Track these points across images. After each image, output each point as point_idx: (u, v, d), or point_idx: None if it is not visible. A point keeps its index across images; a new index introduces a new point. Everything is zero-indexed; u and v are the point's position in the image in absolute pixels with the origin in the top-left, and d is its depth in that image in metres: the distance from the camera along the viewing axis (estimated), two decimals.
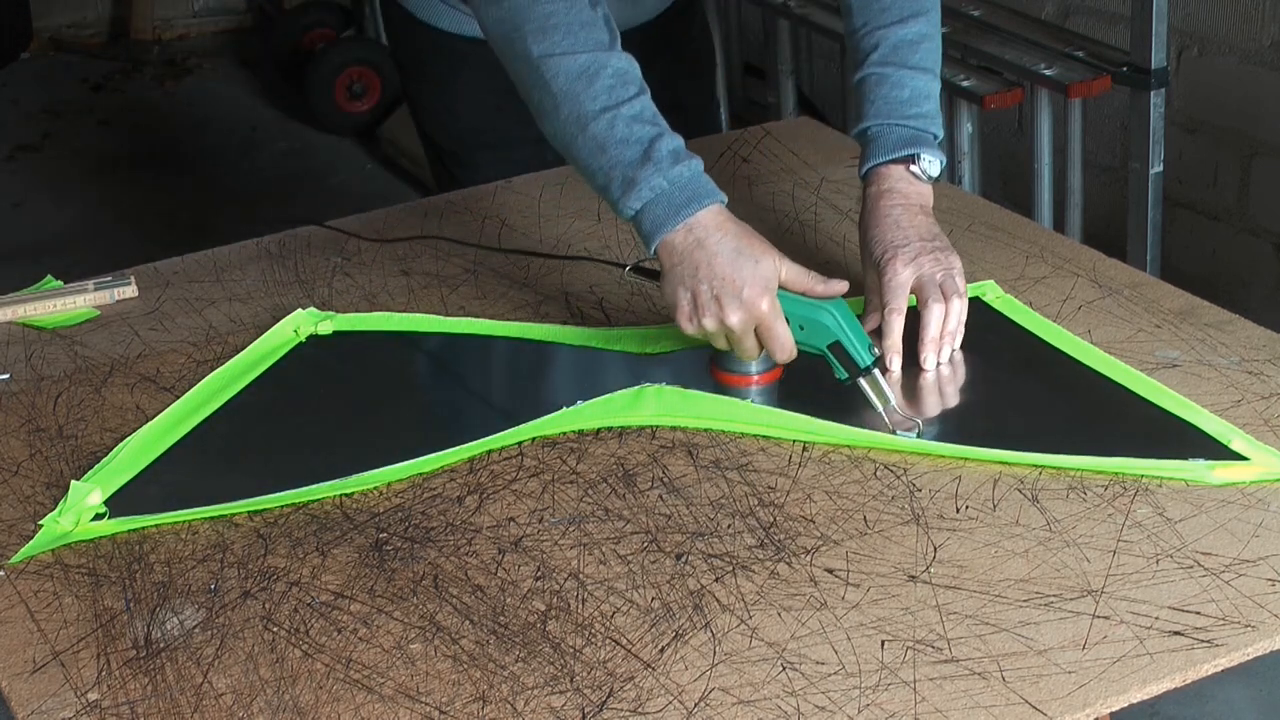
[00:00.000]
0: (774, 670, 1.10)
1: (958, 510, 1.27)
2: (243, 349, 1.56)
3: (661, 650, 1.12)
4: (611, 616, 1.16)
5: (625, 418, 1.41)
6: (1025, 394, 1.45)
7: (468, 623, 1.16)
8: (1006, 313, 1.57)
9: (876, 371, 1.39)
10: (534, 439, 1.39)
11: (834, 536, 1.24)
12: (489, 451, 1.37)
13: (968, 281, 1.63)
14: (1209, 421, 1.36)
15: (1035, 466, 1.32)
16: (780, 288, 1.39)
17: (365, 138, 4.92)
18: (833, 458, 1.35)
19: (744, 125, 2.36)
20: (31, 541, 1.28)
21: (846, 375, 1.39)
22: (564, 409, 1.41)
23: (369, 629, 1.16)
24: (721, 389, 1.45)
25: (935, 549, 1.22)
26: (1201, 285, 1.75)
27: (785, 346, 1.39)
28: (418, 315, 1.62)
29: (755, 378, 1.46)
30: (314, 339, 1.59)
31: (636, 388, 1.43)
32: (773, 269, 1.38)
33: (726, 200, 1.40)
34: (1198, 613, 1.13)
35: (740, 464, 1.34)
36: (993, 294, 1.59)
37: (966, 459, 1.33)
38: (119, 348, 1.60)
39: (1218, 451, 1.31)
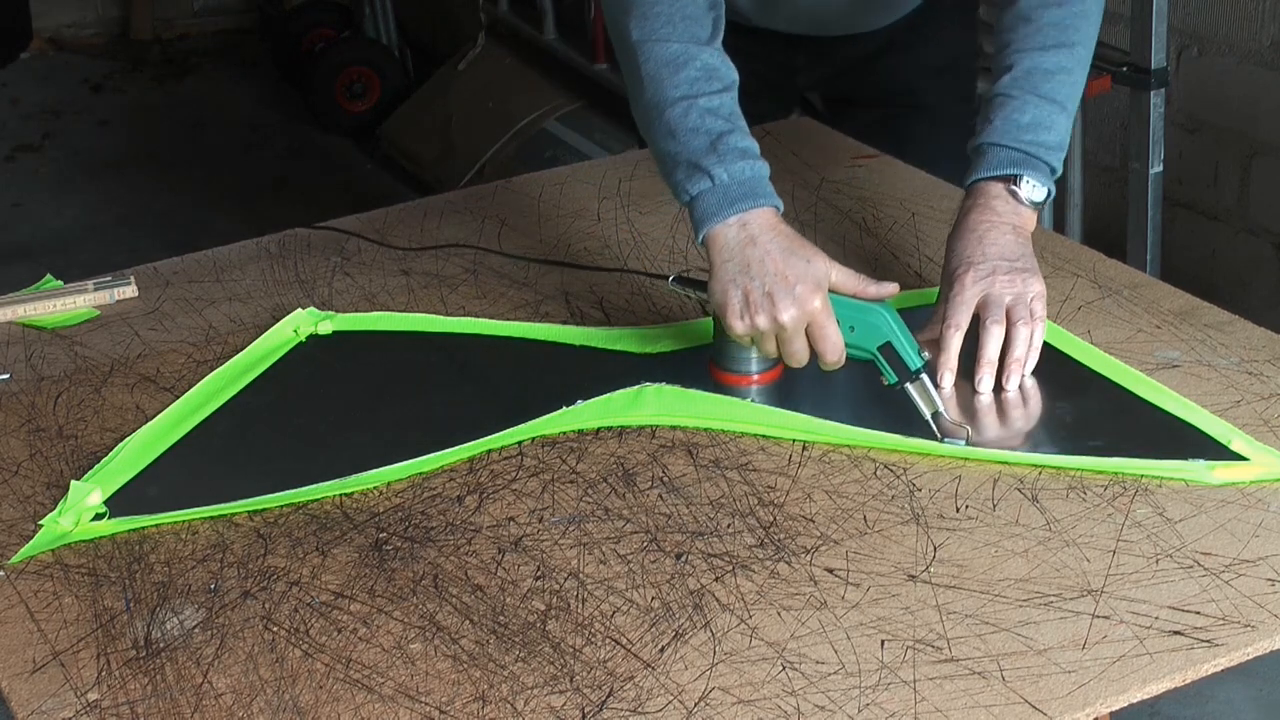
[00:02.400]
0: (774, 670, 1.10)
1: (958, 510, 1.27)
2: (243, 349, 1.56)
3: (661, 650, 1.12)
4: (611, 616, 1.16)
5: (625, 418, 1.41)
6: (1025, 394, 1.45)
7: (468, 622, 1.16)
8: None
9: (925, 377, 1.37)
10: (534, 439, 1.39)
11: (834, 536, 1.24)
12: (489, 451, 1.37)
13: None
14: (1209, 422, 1.36)
15: (1035, 466, 1.32)
16: (830, 290, 1.37)
17: (365, 138, 4.92)
18: (833, 457, 1.35)
19: None
20: (31, 541, 1.28)
21: (895, 379, 1.37)
22: (564, 409, 1.41)
23: (369, 629, 1.16)
24: (721, 389, 1.45)
25: (935, 548, 1.22)
26: (1201, 285, 1.75)
27: (836, 347, 1.37)
28: (418, 315, 1.62)
29: (755, 378, 1.46)
30: (314, 339, 1.59)
31: (636, 388, 1.43)
32: (824, 270, 1.37)
33: (783, 207, 1.40)
34: (1198, 613, 1.13)
35: (740, 464, 1.34)
36: None
37: (966, 459, 1.33)
38: (119, 348, 1.60)
39: (1217, 452, 1.32)
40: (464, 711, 1.08)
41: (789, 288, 1.35)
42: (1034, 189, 1.47)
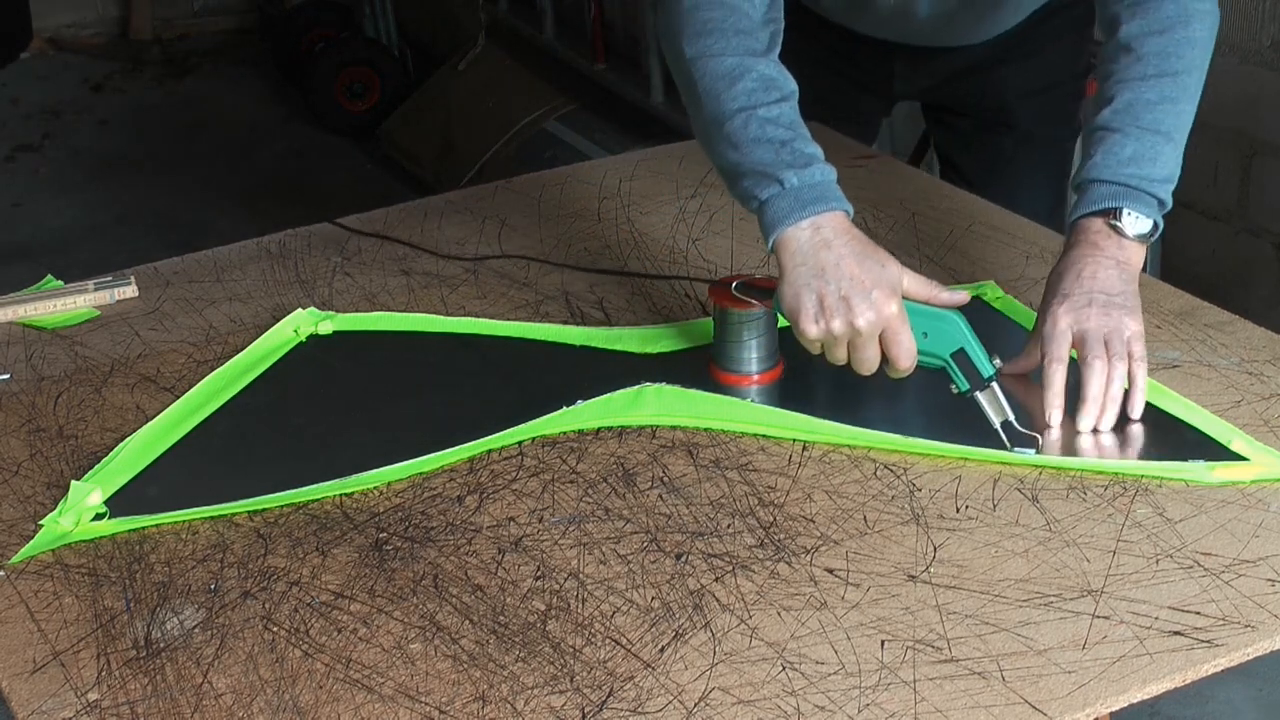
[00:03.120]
0: (774, 670, 1.10)
1: (958, 510, 1.27)
2: (243, 349, 1.56)
3: (661, 650, 1.12)
4: (611, 616, 1.16)
5: (625, 418, 1.41)
6: (1026, 394, 1.45)
7: (468, 622, 1.16)
8: (1006, 313, 1.57)
9: (995, 385, 1.35)
10: (534, 439, 1.39)
11: (834, 536, 1.24)
12: (489, 451, 1.37)
13: (968, 282, 1.63)
14: (1209, 422, 1.36)
15: (1035, 466, 1.32)
16: (902, 296, 1.35)
17: (365, 137, 4.92)
18: (833, 457, 1.35)
19: None
20: (32, 541, 1.28)
21: (967, 387, 1.35)
22: (564, 409, 1.40)
23: (369, 629, 1.16)
24: (721, 389, 1.45)
25: (935, 549, 1.22)
26: (1201, 285, 1.75)
27: (910, 353, 1.35)
28: (418, 315, 1.62)
29: (755, 378, 1.46)
30: (314, 339, 1.59)
31: (636, 388, 1.43)
32: (897, 275, 1.35)
33: (853, 212, 1.38)
34: (1198, 613, 1.13)
35: (740, 464, 1.34)
36: (993, 294, 1.60)
37: (966, 459, 1.33)
38: (119, 348, 1.60)
39: (1218, 452, 1.32)
40: (464, 711, 1.08)
41: (865, 292, 1.32)
42: (1137, 221, 1.42)
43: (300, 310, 1.61)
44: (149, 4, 6.06)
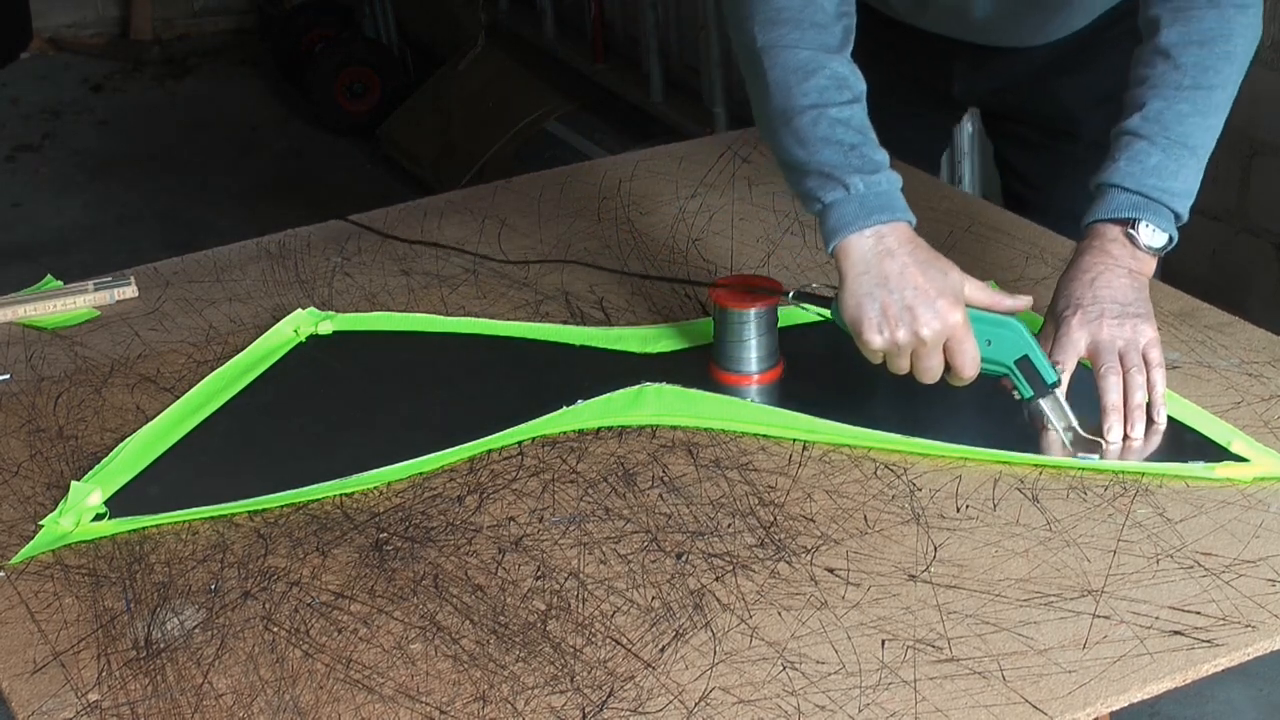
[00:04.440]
0: (774, 670, 1.10)
1: (958, 510, 1.27)
2: (243, 349, 1.56)
3: (662, 650, 1.12)
4: (612, 616, 1.16)
5: (625, 417, 1.41)
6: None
7: (468, 622, 1.16)
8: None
9: (1058, 391, 1.35)
10: (534, 439, 1.39)
11: (834, 536, 1.24)
12: (489, 451, 1.37)
13: None
14: (1209, 423, 1.36)
15: (1035, 466, 1.32)
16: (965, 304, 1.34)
17: (365, 138, 4.92)
18: (833, 457, 1.35)
19: (744, 125, 2.36)
20: (32, 542, 1.28)
21: (1031, 394, 1.35)
22: (564, 409, 1.41)
23: (369, 629, 1.16)
24: (721, 389, 1.45)
25: (935, 548, 1.22)
26: (1201, 286, 1.75)
27: (975, 361, 1.33)
28: (418, 315, 1.62)
29: (755, 378, 1.46)
30: (314, 339, 1.59)
31: (636, 388, 1.43)
32: (960, 282, 1.34)
33: (915, 222, 1.37)
34: (1198, 613, 1.13)
35: (740, 463, 1.34)
36: None
37: (967, 459, 1.33)
38: (119, 348, 1.60)
39: (1217, 454, 1.32)
40: (464, 712, 1.08)
41: (930, 301, 1.31)
42: (1154, 234, 1.41)
43: (300, 310, 1.61)
44: (149, 4, 6.06)
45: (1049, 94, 1.83)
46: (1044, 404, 1.34)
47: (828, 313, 1.39)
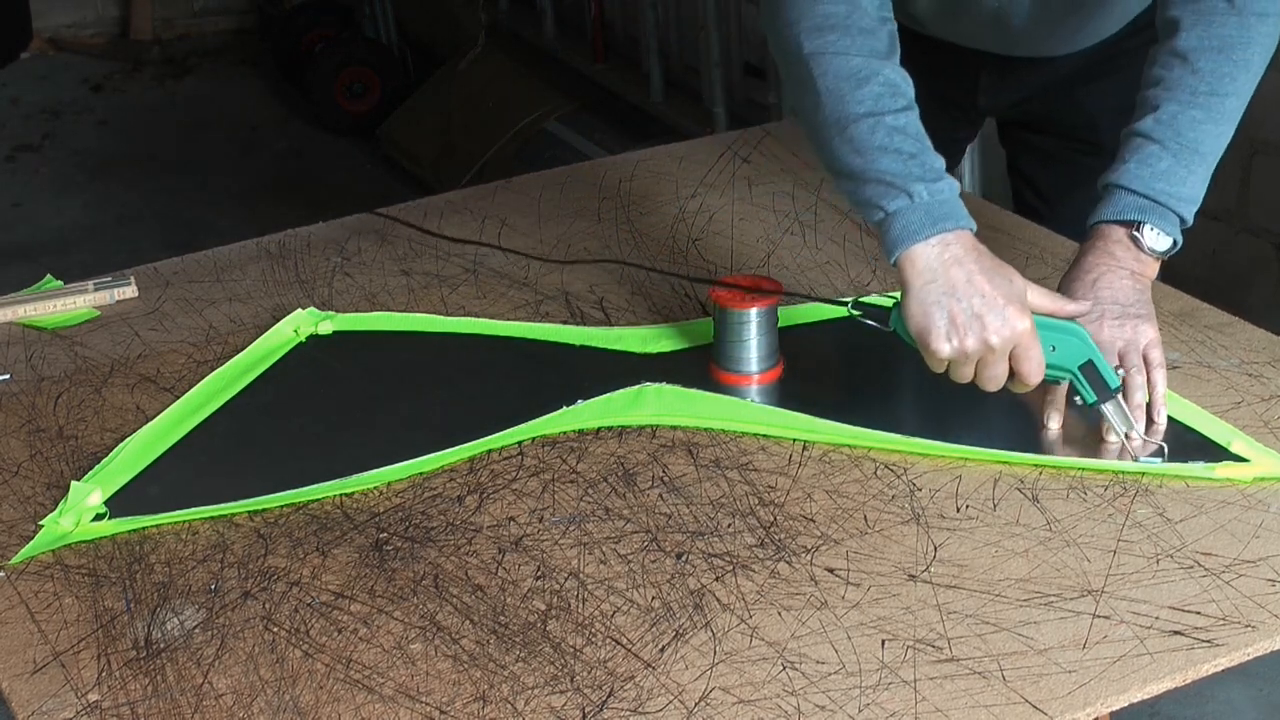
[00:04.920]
0: (774, 670, 1.10)
1: (958, 510, 1.27)
2: (243, 349, 1.56)
3: (662, 650, 1.12)
4: (612, 616, 1.16)
5: (625, 418, 1.41)
6: (1026, 395, 1.45)
7: (468, 622, 1.16)
8: None
9: (1120, 396, 1.34)
10: (534, 439, 1.39)
11: (834, 536, 1.24)
12: (489, 451, 1.37)
13: None
14: (1209, 424, 1.36)
15: (1035, 466, 1.32)
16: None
17: (365, 138, 4.92)
18: (833, 457, 1.35)
19: (744, 125, 2.37)
20: (32, 542, 1.28)
21: (1095, 399, 1.34)
22: (564, 409, 1.41)
23: (369, 629, 1.16)
24: (721, 389, 1.45)
25: (935, 548, 1.22)
26: (1201, 285, 1.75)
27: (1041, 368, 1.32)
28: (418, 315, 1.62)
29: (755, 378, 1.46)
30: (314, 339, 1.59)
31: (636, 388, 1.43)
32: (1024, 288, 1.33)
33: (976, 229, 1.35)
34: (1198, 613, 1.13)
35: (740, 463, 1.34)
36: None
37: (967, 459, 1.33)
38: (119, 348, 1.60)
39: (1218, 454, 1.32)
40: (464, 711, 1.08)
41: (999, 309, 1.29)
42: (1158, 237, 1.41)
43: (300, 310, 1.61)
44: (149, 4, 6.06)
45: (1074, 103, 1.82)
46: (1107, 408, 1.34)
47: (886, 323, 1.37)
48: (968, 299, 1.30)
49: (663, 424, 1.40)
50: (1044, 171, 1.92)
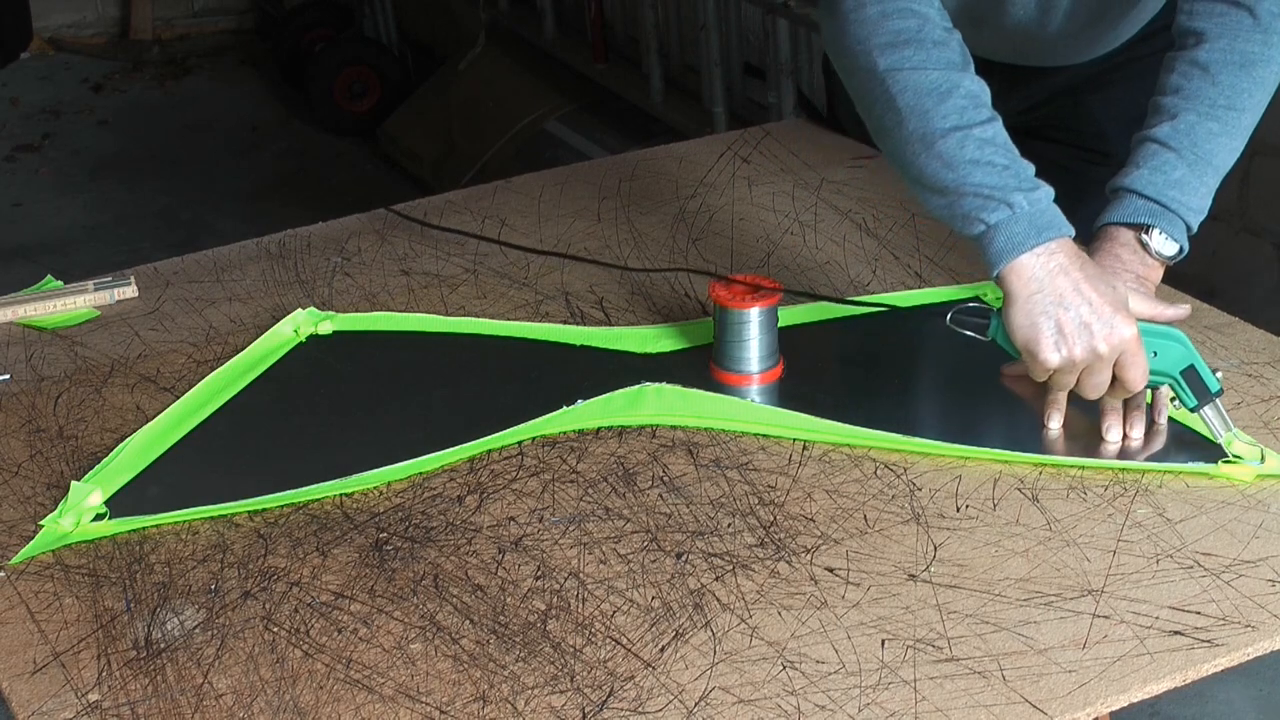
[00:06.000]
0: (774, 669, 1.10)
1: (958, 509, 1.27)
2: (243, 349, 1.56)
3: (662, 649, 1.12)
4: (612, 616, 1.16)
5: (625, 417, 1.41)
6: (1026, 395, 1.45)
7: (468, 622, 1.16)
8: None
9: (1219, 399, 1.34)
10: (534, 439, 1.39)
11: (834, 535, 1.24)
12: (489, 451, 1.37)
13: (968, 282, 1.63)
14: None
15: (1035, 466, 1.32)
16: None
17: (365, 138, 4.92)
18: (833, 457, 1.35)
19: (744, 125, 2.37)
20: (32, 542, 1.28)
21: (1196, 403, 1.33)
22: (564, 409, 1.41)
23: (369, 629, 1.16)
24: (721, 389, 1.45)
25: (935, 548, 1.22)
26: (1201, 286, 1.75)
27: (1145, 375, 1.31)
28: (418, 315, 1.62)
29: (755, 377, 1.46)
30: (314, 339, 1.59)
31: (636, 387, 1.43)
32: (1126, 295, 1.32)
33: (1074, 233, 1.35)
34: (1198, 613, 1.13)
35: (740, 463, 1.34)
36: (993, 295, 1.59)
37: (966, 458, 1.33)
38: (119, 348, 1.60)
39: (1218, 454, 1.32)
40: (464, 711, 1.08)
41: (1106, 317, 1.29)
42: (1165, 243, 1.41)
43: (300, 310, 1.61)
44: (149, 4, 6.07)
45: (1082, 112, 1.82)
46: (1207, 412, 1.33)
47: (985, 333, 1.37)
48: (1075, 308, 1.29)
49: (663, 424, 1.40)
50: (1051, 181, 1.91)
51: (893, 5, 1.38)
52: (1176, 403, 1.35)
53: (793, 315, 1.56)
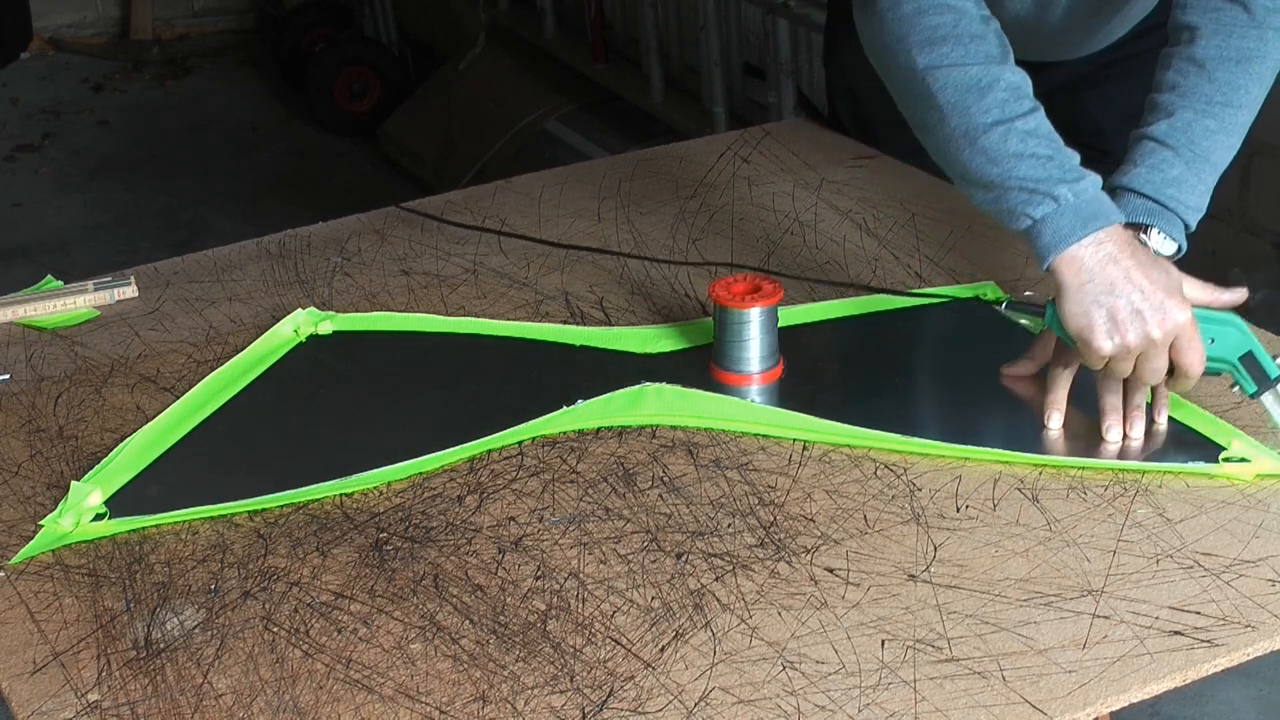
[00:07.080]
0: (774, 669, 1.10)
1: (958, 510, 1.27)
2: (243, 349, 1.56)
3: (662, 650, 1.12)
4: (611, 616, 1.16)
5: (625, 418, 1.41)
6: (1026, 395, 1.45)
7: (468, 622, 1.16)
8: None
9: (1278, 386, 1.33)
10: (534, 439, 1.39)
11: (834, 536, 1.24)
12: (489, 451, 1.37)
13: (968, 282, 1.63)
14: (1209, 424, 1.36)
15: (1035, 466, 1.32)
16: None
17: (365, 138, 4.92)
18: (833, 457, 1.35)
19: (744, 125, 2.37)
20: (32, 542, 1.28)
21: (1255, 389, 1.33)
22: (564, 409, 1.41)
23: (369, 629, 1.16)
24: (721, 389, 1.45)
25: (935, 548, 1.22)
26: None
27: (1202, 360, 1.31)
28: (418, 315, 1.62)
29: (755, 378, 1.46)
30: (314, 339, 1.59)
31: (636, 387, 1.43)
32: (1180, 280, 1.32)
33: (1125, 219, 1.35)
34: (1198, 613, 1.13)
35: (740, 463, 1.34)
36: (993, 294, 1.60)
37: (967, 459, 1.33)
38: (119, 348, 1.60)
39: (1217, 454, 1.31)
40: (464, 711, 1.08)
41: (1159, 303, 1.29)
42: (1164, 241, 1.40)
43: (300, 310, 1.61)
44: (149, 4, 6.07)
45: (1077, 110, 1.81)
46: (1266, 399, 1.33)
47: (1039, 322, 1.37)
48: (1127, 295, 1.29)
49: (663, 424, 1.40)
50: None
51: (928, 1, 1.37)
52: (1237, 389, 1.34)
53: (793, 315, 1.56)
